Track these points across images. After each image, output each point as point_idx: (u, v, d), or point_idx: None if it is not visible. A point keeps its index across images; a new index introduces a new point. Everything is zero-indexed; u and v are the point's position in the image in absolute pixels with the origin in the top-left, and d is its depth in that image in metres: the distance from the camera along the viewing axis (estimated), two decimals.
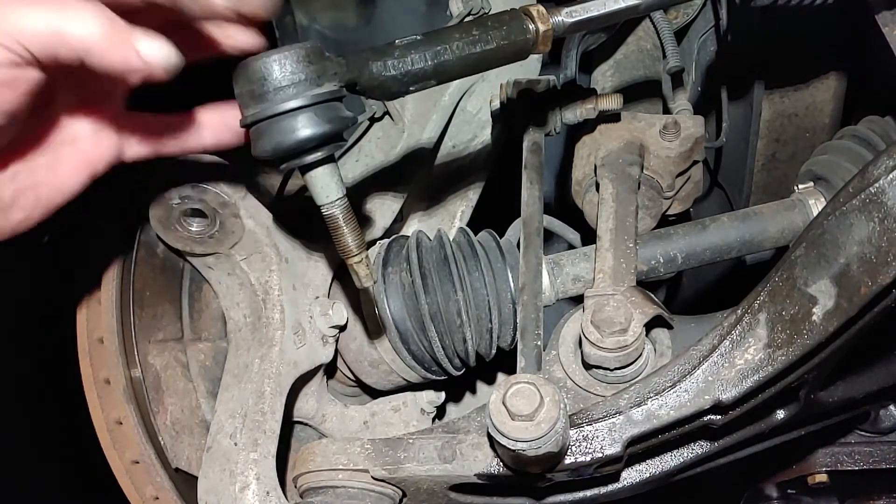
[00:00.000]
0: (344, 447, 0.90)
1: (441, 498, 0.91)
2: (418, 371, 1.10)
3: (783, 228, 1.10)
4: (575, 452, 0.82)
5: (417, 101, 1.26)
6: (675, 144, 1.15)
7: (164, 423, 1.11)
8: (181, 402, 1.13)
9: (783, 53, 1.27)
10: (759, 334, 0.80)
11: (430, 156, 1.28)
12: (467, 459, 0.86)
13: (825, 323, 0.74)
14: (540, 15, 0.79)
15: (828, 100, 1.31)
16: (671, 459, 0.93)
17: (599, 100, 1.14)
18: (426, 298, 1.04)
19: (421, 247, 1.08)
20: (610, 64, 1.48)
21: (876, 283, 0.69)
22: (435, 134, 1.27)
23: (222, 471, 0.97)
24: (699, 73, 1.45)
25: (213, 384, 1.14)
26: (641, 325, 0.89)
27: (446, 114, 1.27)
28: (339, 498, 0.90)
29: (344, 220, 0.78)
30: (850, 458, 1.24)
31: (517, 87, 1.17)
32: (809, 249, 0.75)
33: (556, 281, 1.07)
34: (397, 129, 1.29)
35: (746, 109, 1.35)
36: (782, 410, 0.90)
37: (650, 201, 1.15)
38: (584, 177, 1.19)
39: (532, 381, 0.78)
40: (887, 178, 0.68)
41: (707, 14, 1.39)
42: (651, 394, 0.83)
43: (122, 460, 1.08)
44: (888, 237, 0.68)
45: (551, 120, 1.15)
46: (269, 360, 1.04)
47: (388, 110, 1.32)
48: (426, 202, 1.26)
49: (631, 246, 1.01)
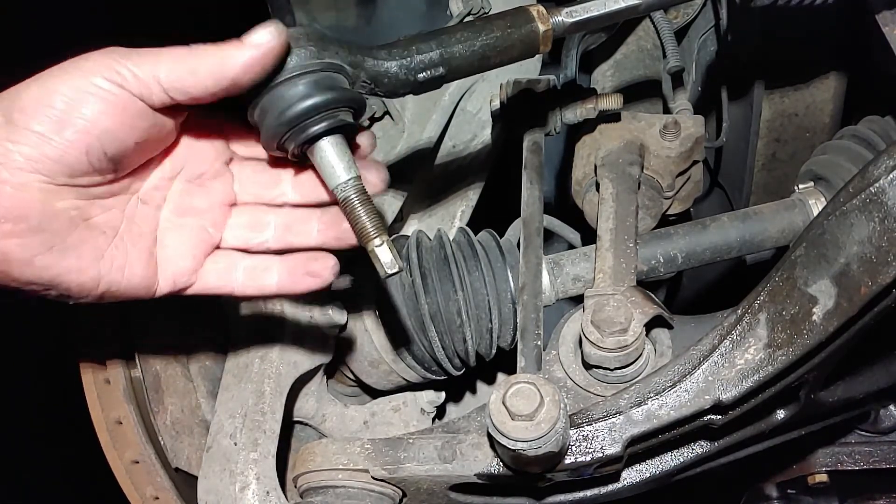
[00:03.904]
0: (344, 447, 0.90)
1: (441, 498, 0.91)
2: (418, 371, 1.10)
3: (783, 228, 1.10)
4: (575, 452, 0.82)
5: (417, 100, 1.26)
6: (676, 144, 1.15)
7: (164, 423, 1.11)
8: (181, 402, 1.13)
9: (783, 53, 1.27)
10: (759, 334, 0.80)
11: (430, 156, 1.28)
12: (467, 459, 0.86)
13: (825, 323, 0.74)
14: (540, 15, 0.79)
15: (828, 100, 1.31)
16: (671, 459, 0.93)
17: (599, 99, 1.14)
18: (426, 298, 1.04)
19: (421, 247, 1.08)
20: (610, 64, 1.48)
21: (876, 283, 0.69)
22: (435, 134, 1.27)
23: (222, 471, 0.97)
24: (699, 73, 1.45)
25: (213, 384, 1.14)
26: (641, 325, 0.89)
27: (446, 113, 1.27)
28: (339, 498, 0.90)
29: (360, 201, 0.74)
30: (850, 458, 1.24)
31: (517, 87, 1.16)
32: (810, 249, 0.75)
33: (556, 281, 1.07)
34: (397, 128, 1.29)
35: (746, 109, 1.35)
36: (782, 410, 0.90)
37: (650, 201, 1.15)
38: (584, 177, 1.19)
39: (532, 381, 0.78)
40: (887, 178, 0.68)
41: (707, 14, 1.39)
42: (651, 394, 0.82)
43: (122, 460, 1.08)
44: (888, 237, 0.68)
45: (551, 120, 1.15)
46: (268, 360, 1.04)
47: (388, 110, 1.32)
48: (426, 202, 1.26)
49: (631, 246, 1.01)
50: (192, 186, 0.79)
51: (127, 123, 0.68)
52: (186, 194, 0.79)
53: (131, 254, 0.75)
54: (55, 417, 1.56)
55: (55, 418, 1.56)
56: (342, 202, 0.74)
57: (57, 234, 0.69)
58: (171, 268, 0.78)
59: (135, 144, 0.70)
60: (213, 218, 0.81)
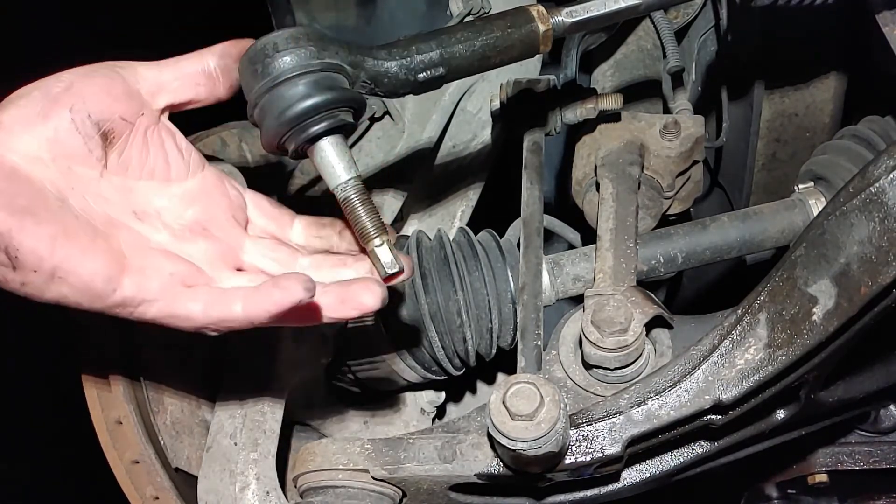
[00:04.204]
0: (344, 447, 0.90)
1: (441, 498, 0.91)
2: (418, 371, 1.10)
3: (783, 228, 1.10)
4: (575, 452, 0.82)
5: (417, 100, 1.26)
6: (676, 144, 1.15)
7: (164, 423, 1.11)
8: (181, 402, 1.13)
9: (783, 53, 1.27)
10: (759, 334, 0.80)
11: (430, 156, 1.28)
12: (467, 459, 0.86)
13: (825, 323, 0.74)
14: (540, 15, 0.79)
15: (828, 100, 1.31)
16: (671, 459, 0.93)
17: (599, 99, 1.14)
18: (426, 298, 1.04)
19: (421, 246, 1.08)
20: (610, 64, 1.48)
21: (876, 283, 0.69)
22: (435, 134, 1.27)
23: (222, 471, 0.97)
24: (699, 73, 1.45)
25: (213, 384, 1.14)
26: (641, 325, 0.89)
27: (446, 113, 1.27)
28: (339, 498, 0.90)
29: (360, 201, 0.74)
30: (850, 458, 1.24)
31: (517, 87, 1.16)
32: (810, 249, 0.75)
33: (556, 281, 1.07)
34: (397, 128, 1.29)
35: (746, 109, 1.35)
36: (782, 410, 0.90)
37: (650, 201, 1.15)
38: (584, 176, 1.19)
39: (532, 381, 0.78)
40: (887, 178, 0.68)
41: (707, 14, 1.39)
42: (651, 394, 0.82)
43: (122, 460, 1.07)
44: (888, 237, 0.68)
45: (551, 120, 1.15)
46: (269, 360, 1.04)
47: (388, 110, 1.32)
48: (426, 202, 1.26)
49: (631, 246, 1.01)
50: (195, 229, 0.77)
51: (114, 96, 0.71)
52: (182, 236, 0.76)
53: (99, 245, 0.70)
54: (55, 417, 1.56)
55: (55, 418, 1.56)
56: (342, 202, 0.74)
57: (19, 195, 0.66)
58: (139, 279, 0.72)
59: (120, 119, 0.72)
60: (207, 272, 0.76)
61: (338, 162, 0.73)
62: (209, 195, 0.79)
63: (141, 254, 0.73)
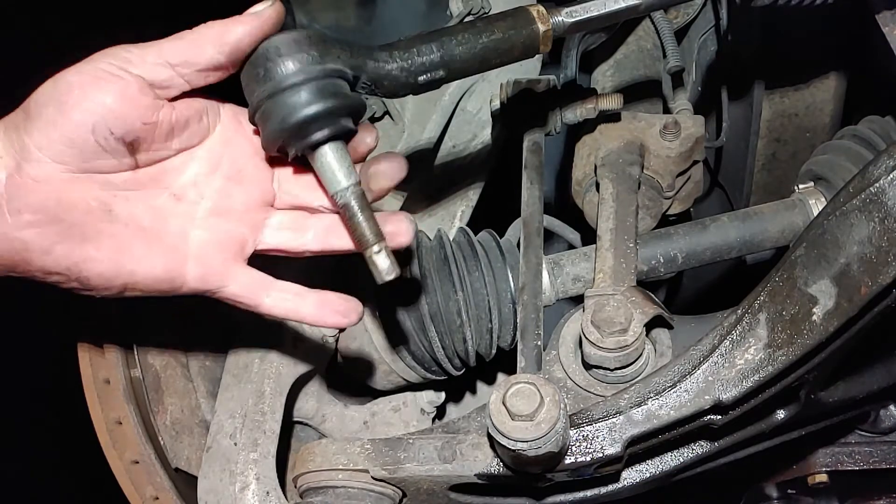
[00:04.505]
0: (344, 447, 0.90)
1: (441, 498, 0.91)
2: (418, 371, 1.10)
3: (783, 228, 1.10)
4: (575, 452, 0.82)
5: (417, 100, 1.26)
6: (676, 144, 1.15)
7: (164, 423, 1.11)
8: (181, 402, 1.13)
9: (783, 53, 1.27)
10: (759, 334, 0.80)
11: (430, 156, 1.28)
12: (467, 459, 0.86)
13: (825, 323, 0.74)
14: (540, 15, 0.79)
15: (828, 100, 1.31)
16: (671, 459, 0.93)
17: (600, 99, 1.14)
18: (426, 298, 1.04)
19: (421, 247, 1.08)
20: (610, 64, 1.48)
21: (876, 283, 0.69)
22: (435, 134, 1.27)
23: (222, 471, 0.97)
24: (699, 73, 1.45)
25: (213, 384, 1.14)
26: (641, 325, 0.89)
27: (446, 113, 1.27)
28: (339, 498, 0.90)
29: (359, 208, 0.74)
30: (850, 458, 1.24)
31: (517, 87, 1.16)
32: (810, 249, 0.75)
33: (556, 281, 1.07)
34: (397, 128, 1.29)
35: (746, 109, 1.35)
36: (782, 410, 0.90)
37: (650, 201, 1.15)
38: (584, 177, 1.19)
39: (532, 381, 0.78)
40: (888, 178, 0.68)
41: (707, 14, 1.39)
42: (651, 394, 0.82)
43: (122, 460, 1.07)
44: (888, 237, 0.68)
45: (551, 120, 1.15)
46: (268, 361, 1.04)
47: (388, 110, 1.32)
48: (426, 202, 1.26)
49: (631, 246, 1.01)
50: (230, 184, 0.79)
51: (131, 103, 0.70)
52: (224, 194, 0.79)
53: (155, 248, 0.75)
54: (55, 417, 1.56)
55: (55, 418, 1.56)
56: (341, 208, 0.75)
57: (75, 225, 0.71)
58: (200, 267, 0.78)
59: (142, 125, 0.71)
60: (251, 219, 0.80)
61: (338, 168, 0.74)
62: (232, 143, 0.80)
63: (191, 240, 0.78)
